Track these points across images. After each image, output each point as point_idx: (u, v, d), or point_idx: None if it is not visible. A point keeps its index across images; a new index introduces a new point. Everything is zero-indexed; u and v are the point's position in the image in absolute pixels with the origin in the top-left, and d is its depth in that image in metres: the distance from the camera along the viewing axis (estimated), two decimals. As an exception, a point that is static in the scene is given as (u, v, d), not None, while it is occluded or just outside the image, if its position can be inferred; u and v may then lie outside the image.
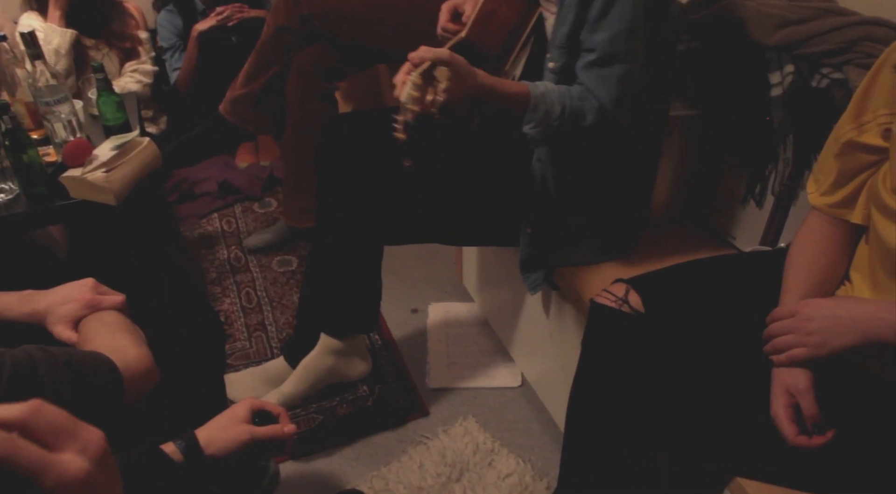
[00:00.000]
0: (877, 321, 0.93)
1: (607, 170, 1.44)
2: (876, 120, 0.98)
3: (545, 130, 1.29)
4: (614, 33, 1.23)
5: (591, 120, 1.28)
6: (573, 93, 1.27)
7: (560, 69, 1.31)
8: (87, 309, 1.02)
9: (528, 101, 1.24)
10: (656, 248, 1.54)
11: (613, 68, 1.26)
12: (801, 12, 1.39)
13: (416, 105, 1.09)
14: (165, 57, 2.81)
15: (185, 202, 2.62)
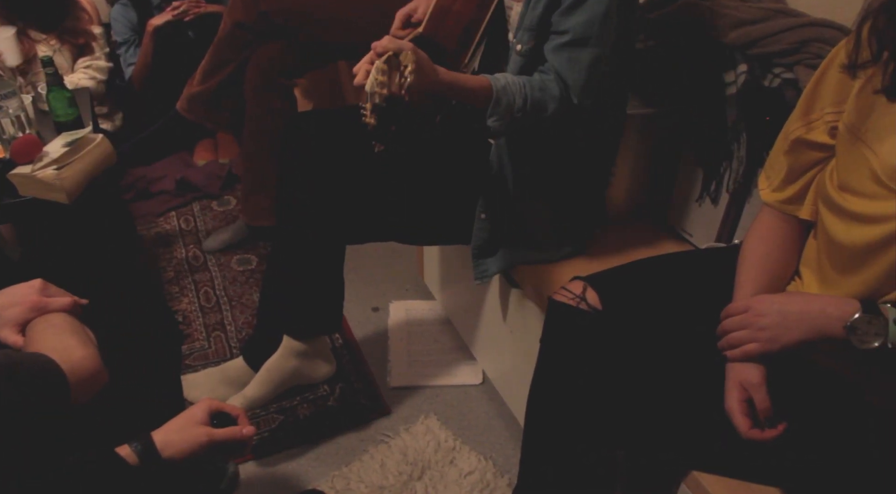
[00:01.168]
0: (825, 316, 0.95)
1: (563, 162, 1.45)
2: (823, 118, 1.01)
3: (508, 123, 1.29)
4: (590, 17, 1.24)
5: (553, 109, 1.29)
6: (534, 83, 1.28)
7: (528, 52, 1.31)
8: (34, 312, 0.99)
9: (489, 94, 1.25)
10: (614, 245, 1.55)
11: (585, 51, 1.27)
12: (754, 13, 1.42)
13: (384, 88, 1.09)
14: (120, 52, 2.75)
15: (142, 200, 2.57)
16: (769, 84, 1.35)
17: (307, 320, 1.62)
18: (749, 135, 1.39)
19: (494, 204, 1.48)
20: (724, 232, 1.50)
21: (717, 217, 1.49)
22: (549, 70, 1.29)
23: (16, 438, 0.79)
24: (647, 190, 1.64)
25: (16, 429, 0.79)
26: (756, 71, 1.37)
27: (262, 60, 2.03)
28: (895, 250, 0.89)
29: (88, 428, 0.97)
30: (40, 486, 0.79)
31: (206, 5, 2.68)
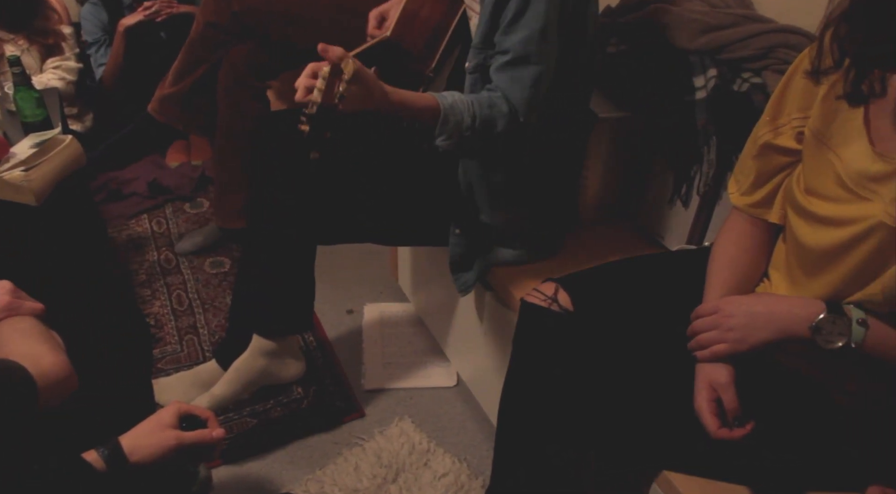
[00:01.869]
0: (791, 317, 0.97)
1: (532, 170, 1.46)
2: (790, 123, 1.02)
3: (458, 141, 1.29)
4: (528, 35, 1.24)
5: (502, 127, 1.29)
6: (482, 101, 1.28)
7: (474, 69, 1.32)
8: (5, 313, 0.97)
9: (437, 113, 1.25)
10: (587, 247, 1.57)
11: (527, 70, 1.27)
12: (723, 18, 1.44)
13: (318, 95, 1.09)
14: (90, 52, 2.72)
15: (113, 202, 2.54)
16: (738, 89, 1.37)
17: (276, 319, 1.61)
18: (719, 138, 1.41)
19: (467, 215, 1.48)
20: (695, 234, 1.52)
21: (687, 220, 1.51)
22: (495, 87, 1.30)
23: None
24: (619, 193, 1.66)
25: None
26: (725, 75, 1.39)
27: (235, 61, 2.01)
28: (859, 253, 0.91)
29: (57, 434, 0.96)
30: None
31: (178, 6, 2.65)
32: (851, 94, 0.81)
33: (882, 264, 0.89)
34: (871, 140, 0.90)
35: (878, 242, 0.88)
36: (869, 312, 0.94)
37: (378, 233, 1.58)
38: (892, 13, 0.71)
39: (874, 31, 0.73)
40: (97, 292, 1.78)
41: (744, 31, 1.39)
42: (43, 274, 1.74)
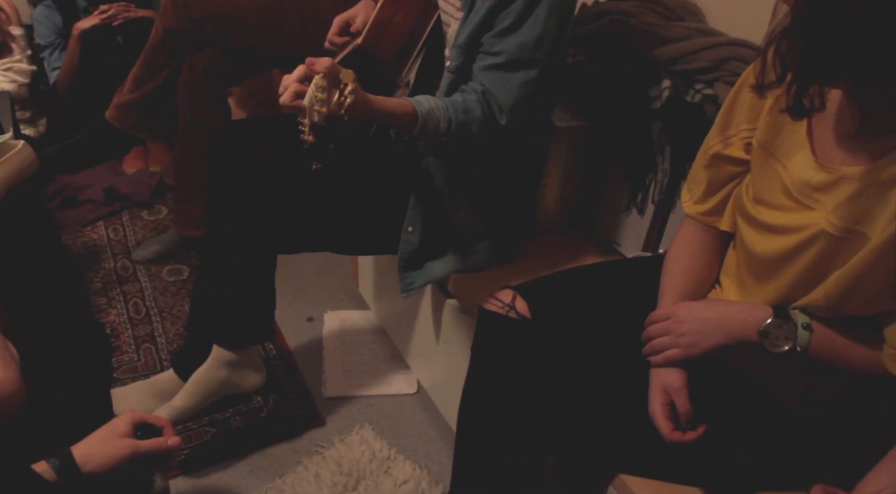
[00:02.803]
0: (741, 322, 1.00)
1: (491, 174, 1.47)
2: (739, 134, 1.06)
3: (434, 146, 1.31)
4: (525, 40, 1.27)
5: (477, 130, 1.31)
6: (457, 106, 1.29)
7: (457, 69, 1.33)
8: None
9: (415, 119, 1.26)
10: (545, 255, 1.59)
11: (517, 74, 1.29)
12: (677, 31, 1.47)
13: (323, 107, 1.09)
14: (43, 55, 2.67)
15: (68, 209, 2.49)
16: (691, 99, 1.40)
17: (237, 329, 1.60)
18: (673, 148, 1.44)
19: (422, 216, 1.49)
20: (651, 241, 1.55)
21: (643, 227, 1.54)
22: (471, 90, 1.31)
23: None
24: (577, 201, 1.68)
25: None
26: (679, 87, 1.43)
27: (195, 68, 2.00)
28: (803, 259, 0.94)
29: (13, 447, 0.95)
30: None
31: (135, 10, 2.63)
32: (793, 107, 0.84)
33: (825, 271, 0.92)
34: (814, 151, 0.93)
35: (820, 249, 0.91)
36: (814, 316, 0.97)
37: (337, 241, 1.58)
38: (829, 31, 0.74)
39: (812, 48, 0.76)
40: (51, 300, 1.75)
41: (696, 44, 1.42)
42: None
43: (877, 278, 0.86)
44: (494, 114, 1.31)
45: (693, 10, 1.58)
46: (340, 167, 1.49)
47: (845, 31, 0.73)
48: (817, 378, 1.03)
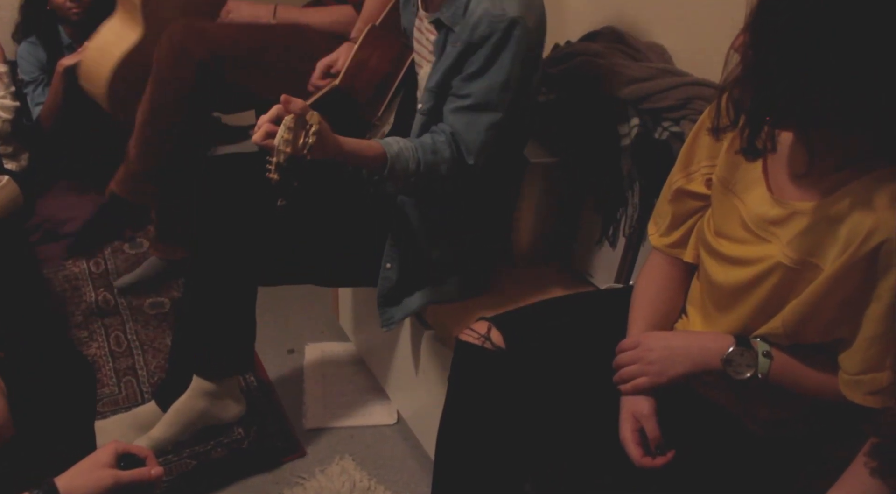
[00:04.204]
0: (705, 351, 1.04)
1: (468, 210, 1.52)
2: (700, 171, 1.11)
3: (404, 186, 1.36)
4: (492, 84, 1.32)
5: (446, 171, 1.36)
6: (426, 147, 1.35)
7: (428, 111, 1.39)
8: None
9: (384, 161, 1.31)
10: (521, 286, 1.63)
11: (484, 116, 1.35)
12: (645, 71, 1.54)
13: (287, 147, 1.13)
14: (27, 91, 2.69)
15: (49, 243, 2.50)
16: (659, 136, 1.46)
17: (217, 360, 1.62)
18: (642, 183, 1.50)
19: (399, 253, 1.53)
20: (623, 273, 1.60)
21: (615, 259, 1.59)
22: (440, 131, 1.36)
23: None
24: (551, 234, 1.73)
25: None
26: (647, 124, 1.49)
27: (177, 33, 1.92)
28: (762, 290, 0.99)
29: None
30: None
31: (119, 47, 2.66)
32: (747, 149, 0.90)
33: (782, 300, 0.97)
34: (770, 187, 0.99)
35: (777, 279, 0.96)
36: (774, 345, 1.02)
37: (318, 274, 1.62)
38: (776, 80, 0.80)
39: (762, 95, 0.82)
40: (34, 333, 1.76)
41: (664, 84, 1.49)
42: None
43: (830, 306, 0.91)
44: (463, 154, 1.36)
45: (660, 52, 1.65)
46: (318, 203, 1.53)
47: (791, 81, 0.78)
48: (781, 405, 1.08)
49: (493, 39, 1.29)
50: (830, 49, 0.75)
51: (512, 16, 1.28)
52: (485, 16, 1.28)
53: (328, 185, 1.51)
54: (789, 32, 0.77)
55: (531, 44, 1.33)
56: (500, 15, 1.28)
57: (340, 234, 1.55)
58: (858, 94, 0.77)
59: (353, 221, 1.56)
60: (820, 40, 0.75)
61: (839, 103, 0.79)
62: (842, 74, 0.76)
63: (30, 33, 2.64)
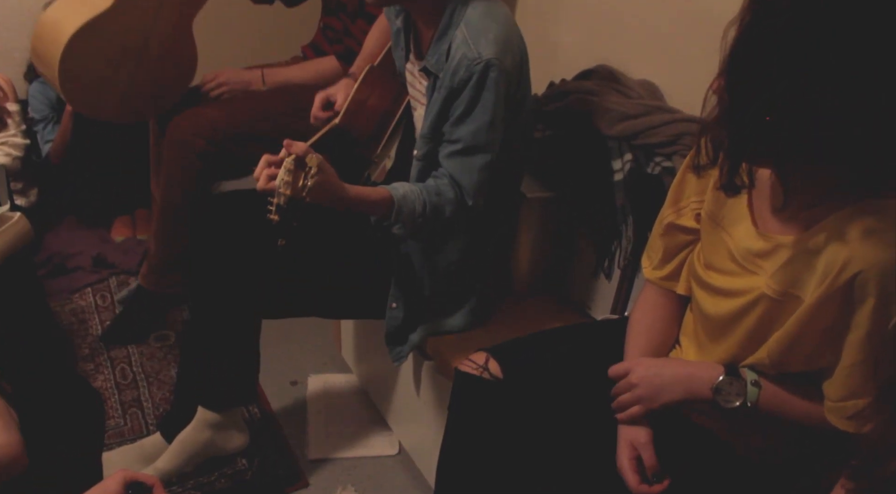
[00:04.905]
0: (694, 380, 1.08)
1: (468, 246, 1.56)
2: (689, 206, 1.16)
3: (411, 228, 1.41)
4: (477, 127, 1.37)
5: (450, 212, 1.40)
6: (430, 189, 1.39)
7: (423, 157, 1.44)
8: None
9: (391, 205, 1.35)
10: (519, 318, 1.66)
11: (476, 158, 1.40)
12: (637, 108, 1.59)
13: (287, 189, 1.16)
14: (37, 129, 2.76)
15: (57, 277, 2.54)
16: (651, 171, 1.51)
17: (221, 391, 1.65)
18: (635, 217, 1.54)
19: (404, 292, 1.57)
20: (619, 304, 1.63)
21: (611, 291, 1.63)
22: (442, 175, 1.41)
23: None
24: (548, 266, 1.77)
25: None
26: (640, 159, 1.54)
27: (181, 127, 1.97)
28: (749, 320, 1.03)
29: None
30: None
31: (127, 85, 2.73)
32: (726, 185, 0.95)
33: (768, 331, 1.00)
34: (755, 222, 1.03)
35: (762, 310, 1.00)
36: (762, 374, 1.05)
37: (320, 307, 1.66)
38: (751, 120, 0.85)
39: (738, 134, 0.87)
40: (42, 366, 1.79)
41: (655, 120, 1.54)
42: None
43: (812, 336, 0.95)
44: (463, 196, 1.41)
45: (651, 89, 1.71)
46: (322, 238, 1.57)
47: (765, 122, 0.83)
48: (773, 432, 1.11)
49: (472, 82, 1.32)
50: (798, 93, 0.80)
51: (487, 58, 1.31)
52: (462, 60, 1.32)
53: (331, 222, 1.55)
54: (759, 78, 0.82)
55: (510, 83, 1.36)
56: (475, 58, 1.32)
57: (343, 268, 1.60)
58: (826, 134, 0.82)
59: (355, 255, 1.60)
60: (788, 86, 0.80)
61: (808, 143, 0.83)
62: (809, 117, 0.81)
63: (41, 73, 2.72)
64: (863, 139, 0.81)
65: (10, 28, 2.72)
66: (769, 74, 0.81)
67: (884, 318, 0.88)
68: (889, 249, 0.86)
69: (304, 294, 1.59)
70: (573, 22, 1.98)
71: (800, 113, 0.81)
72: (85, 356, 2.19)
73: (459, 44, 1.34)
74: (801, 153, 0.86)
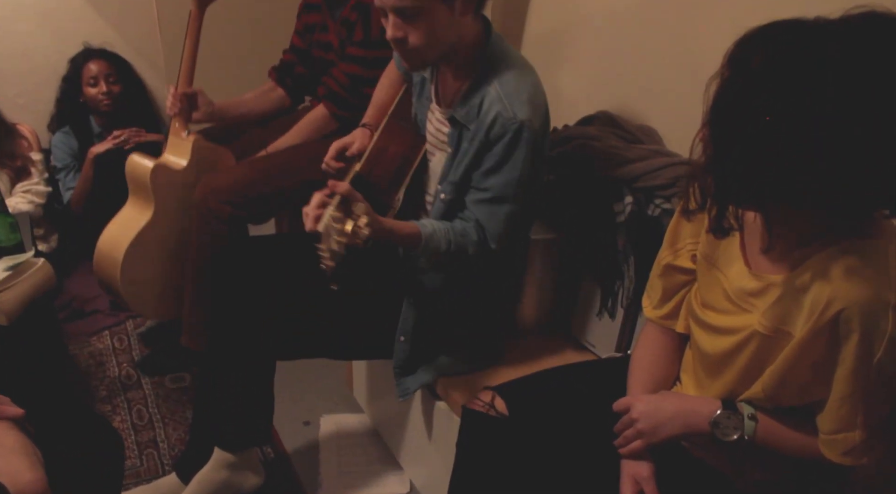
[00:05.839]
0: (694, 414, 1.12)
1: (477, 286, 1.61)
2: (686, 247, 1.21)
3: (435, 262, 1.48)
4: (508, 180, 1.44)
5: (473, 251, 1.48)
6: (456, 229, 1.47)
7: (450, 201, 1.51)
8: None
9: (419, 240, 1.42)
10: (526, 357, 1.71)
11: (503, 207, 1.47)
12: (637, 153, 1.65)
13: (342, 237, 1.21)
14: (59, 177, 2.85)
15: (76, 320, 2.61)
16: (652, 213, 1.56)
17: (237, 432, 1.69)
18: (637, 257, 1.59)
19: (412, 326, 1.62)
20: (623, 343, 1.67)
21: (615, 330, 1.67)
22: (468, 218, 1.48)
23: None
24: (554, 306, 1.82)
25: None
26: (641, 202, 1.59)
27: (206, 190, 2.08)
28: (743, 356, 1.07)
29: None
30: None
31: (145, 134, 2.82)
32: (715, 228, 1.00)
33: (761, 366, 1.04)
34: (747, 262, 1.08)
35: (755, 347, 1.04)
36: (758, 408, 1.09)
37: (334, 348, 1.70)
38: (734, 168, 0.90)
39: (723, 180, 0.93)
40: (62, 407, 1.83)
41: (655, 164, 1.60)
42: (5, 390, 1.80)
43: (803, 370, 0.99)
44: (487, 240, 1.48)
45: (651, 134, 1.77)
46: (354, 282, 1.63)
47: (746, 168, 0.89)
48: (773, 465, 1.14)
49: (506, 139, 1.41)
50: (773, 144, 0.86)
51: (521, 118, 1.40)
52: (498, 117, 1.40)
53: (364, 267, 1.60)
54: (738, 129, 0.88)
55: (538, 142, 1.44)
56: (511, 118, 1.40)
57: (357, 310, 1.65)
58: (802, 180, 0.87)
59: (369, 297, 1.66)
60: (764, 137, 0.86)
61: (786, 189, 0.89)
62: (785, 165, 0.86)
63: (63, 124, 2.83)
64: (837, 186, 0.86)
65: (36, 83, 2.85)
66: (747, 126, 0.87)
67: (868, 353, 0.92)
68: (870, 287, 0.90)
69: (318, 335, 1.64)
70: (575, 70, 2.06)
71: (776, 161, 0.86)
72: (102, 398, 2.24)
73: (493, 100, 1.42)
74: (780, 198, 0.91)
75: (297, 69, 2.33)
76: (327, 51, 2.20)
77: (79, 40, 2.79)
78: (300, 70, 2.33)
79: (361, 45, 2.06)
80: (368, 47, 2.05)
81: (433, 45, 1.39)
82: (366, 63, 2.07)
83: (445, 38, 1.40)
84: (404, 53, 1.42)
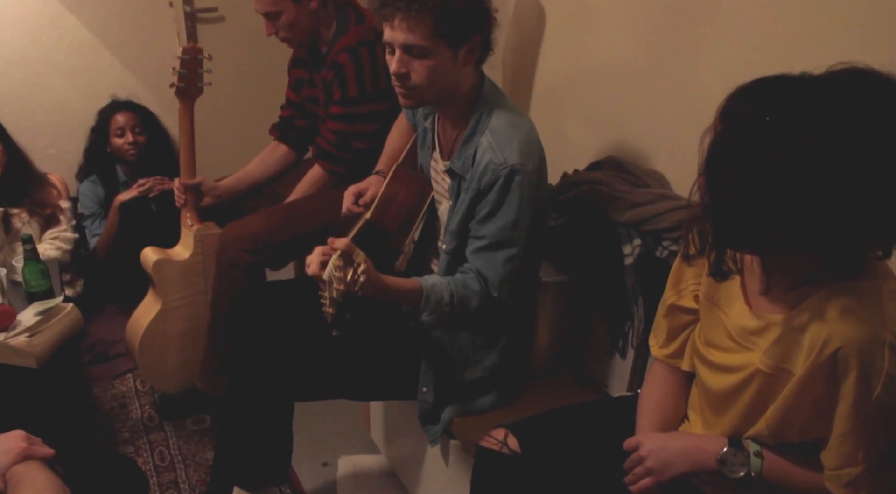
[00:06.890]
0: (701, 452, 1.15)
1: (492, 332, 1.65)
2: (689, 288, 1.25)
3: (439, 316, 1.52)
4: (503, 225, 1.49)
5: (476, 303, 1.52)
6: (457, 281, 1.51)
7: (452, 251, 1.56)
8: (20, 458, 1.10)
9: (420, 293, 1.47)
10: (538, 396, 1.74)
11: (500, 253, 1.51)
12: (644, 196, 1.70)
13: (340, 284, 1.27)
14: (86, 224, 2.94)
15: (99, 364, 2.67)
16: (660, 255, 1.61)
17: (256, 472, 1.73)
18: (645, 298, 1.63)
19: (433, 377, 1.66)
20: (634, 381, 1.70)
21: (626, 369, 1.70)
22: (468, 269, 1.53)
23: None
24: (566, 346, 1.85)
25: None
26: (649, 244, 1.63)
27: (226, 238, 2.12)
28: (747, 394, 1.10)
29: None
30: None
31: (169, 182, 2.91)
32: (714, 272, 1.05)
33: (765, 404, 1.08)
34: (748, 301, 1.12)
35: (758, 385, 1.07)
36: (764, 445, 1.12)
37: (352, 390, 1.74)
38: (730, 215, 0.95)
39: (720, 226, 0.98)
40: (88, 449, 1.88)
41: (662, 207, 1.64)
42: (38, 432, 1.85)
43: (805, 407, 1.02)
44: (489, 289, 1.52)
45: (658, 178, 1.82)
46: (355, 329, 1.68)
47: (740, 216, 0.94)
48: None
49: (498, 185, 1.45)
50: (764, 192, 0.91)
51: (512, 164, 1.44)
52: (489, 165, 1.46)
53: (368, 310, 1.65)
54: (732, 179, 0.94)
55: (532, 185, 1.49)
56: (501, 164, 1.45)
57: (375, 353, 1.69)
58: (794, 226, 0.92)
59: (386, 341, 1.70)
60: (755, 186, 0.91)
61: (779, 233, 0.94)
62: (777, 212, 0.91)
63: (91, 173, 2.93)
64: (827, 230, 0.91)
65: (66, 134, 2.96)
66: (739, 176, 0.92)
67: (867, 390, 0.96)
68: (865, 326, 0.94)
69: (336, 377, 1.68)
70: (583, 117, 2.13)
71: (768, 208, 0.91)
72: (125, 440, 2.29)
73: (485, 150, 1.47)
74: (774, 242, 0.96)
75: (297, 122, 2.41)
76: (317, 105, 2.28)
77: (107, 93, 2.90)
78: (300, 123, 2.41)
79: (341, 104, 2.11)
80: (349, 105, 2.10)
81: (432, 86, 1.46)
82: (350, 119, 2.13)
83: (445, 82, 1.46)
84: (405, 89, 1.48)
